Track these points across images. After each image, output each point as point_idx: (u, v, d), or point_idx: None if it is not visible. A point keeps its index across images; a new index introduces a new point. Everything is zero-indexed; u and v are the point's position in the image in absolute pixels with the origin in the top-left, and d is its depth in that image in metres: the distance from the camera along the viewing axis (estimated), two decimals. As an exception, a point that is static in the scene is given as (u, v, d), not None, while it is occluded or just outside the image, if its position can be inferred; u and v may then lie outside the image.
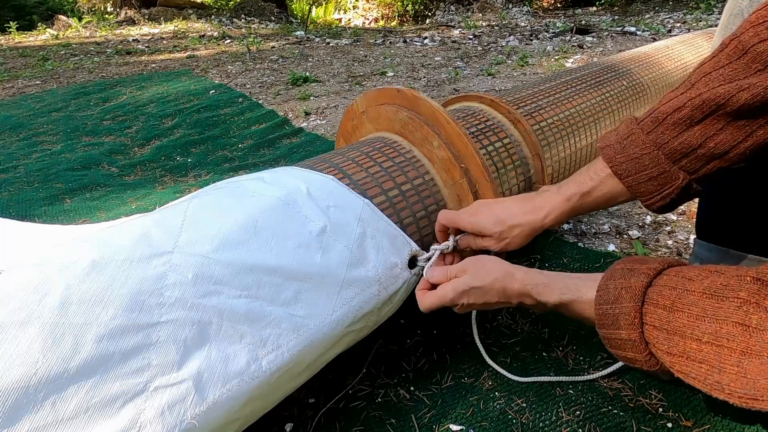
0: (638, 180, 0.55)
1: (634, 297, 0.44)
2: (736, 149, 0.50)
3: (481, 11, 6.90)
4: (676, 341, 0.40)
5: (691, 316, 0.40)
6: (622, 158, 0.56)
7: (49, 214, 1.37)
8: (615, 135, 0.58)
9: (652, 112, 0.55)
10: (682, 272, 0.44)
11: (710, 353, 0.38)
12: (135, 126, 2.20)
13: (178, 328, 0.48)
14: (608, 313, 0.47)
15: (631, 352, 0.45)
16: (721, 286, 0.39)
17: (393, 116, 0.85)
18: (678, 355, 0.40)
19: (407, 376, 0.77)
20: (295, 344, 0.55)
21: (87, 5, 8.92)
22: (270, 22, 6.85)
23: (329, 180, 0.70)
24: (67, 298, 0.45)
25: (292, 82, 2.84)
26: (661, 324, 0.42)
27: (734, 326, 0.37)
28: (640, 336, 0.44)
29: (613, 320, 0.46)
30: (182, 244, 0.53)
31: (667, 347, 0.41)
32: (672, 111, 0.52)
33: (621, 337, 0.45)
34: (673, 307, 0.41)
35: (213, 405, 0.47)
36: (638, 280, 0.45)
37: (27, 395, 0.40)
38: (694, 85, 0.51)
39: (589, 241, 1.14)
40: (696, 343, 0.39)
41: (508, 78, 2.79)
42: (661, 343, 0.42)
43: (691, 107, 0.50)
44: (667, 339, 0.41)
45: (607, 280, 0.49)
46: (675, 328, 0.41)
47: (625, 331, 0.45)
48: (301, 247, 0.59)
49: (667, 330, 0.41)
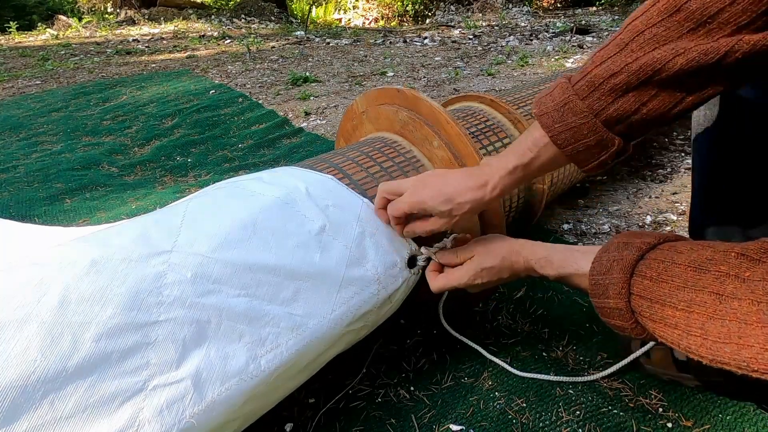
0: (577, 149, 0.56)
1: (624, 269, 0.47)
2: (667, 115, 0.51)
3: (481, 11, 6.90)
4: (656, 309, 0.43)
5: (673, 287, 0.42)
6: (561, 127, 0.55)
7: (49, 214, 1.37)
8: (551, 100, 0.56)
9: (587, 74, 0.53)
10: (674, 246, 0.46)
11: (681, 319, 0.41)
12: (135, 126, 2.20)
13: (177, 327, 0.48)
14: (600, 284, 0.49)
15: (618, 320, 0.48)
16: (706, 259, 0.41)
17: (393, 116, 0.85)
18: (657, 322, 0.43)
19: (407, 376, 0.77)
20: (294, 343, 0.55)
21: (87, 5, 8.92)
22: (270, 22, 6.85)
23: (328, 179, 0.70)
24: (65, 298, 0.45)
25: (292, 82, 2.84)
26: (646, 294, 0.44)
27: (708, 295, 0.39)
28: (626, 305, 0.46)
29: (603, 290, 0.49)
30: (181, 244, 0.53)
31: (649, 314, 0.44)
32: (608, 76, 0.51)
33: (610, 306, 0.48)
34: (658, 278, 0.44)
35: (211, 404, 0.47)
36: (630, 253, 0.48)
37: (25, 394, 0.40)
38: (628, 45, 0.50)
39: (589, 241, 1.14)
40: (672, 310, 0.42)
41: (508, 78, 2.79)
42: (644, 310, 0.45)
43: (627, 73, 0.50)
44: (650, 307, 0.44)
45: (602, 253, 0.51)
46: (657, 297, 0.43)
47: (613, 300, 0.47)
48: (300, 247, 0.59)
49: (650, 299, 0.44)
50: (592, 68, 0.53)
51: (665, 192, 1.36)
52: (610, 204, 1.31)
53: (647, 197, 1.33)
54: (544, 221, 1.23)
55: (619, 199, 1.33)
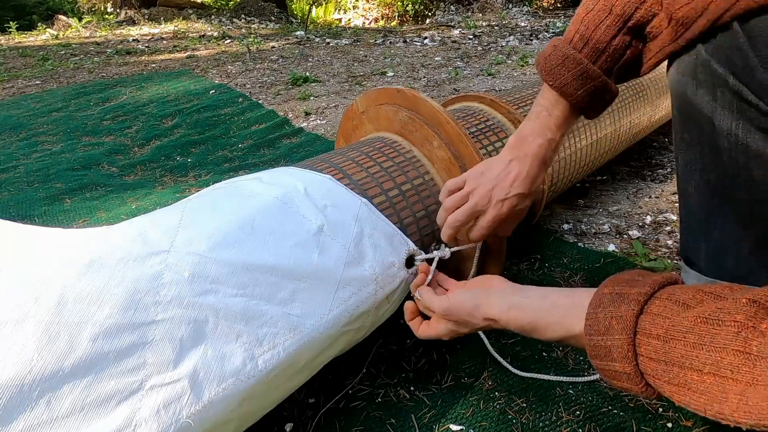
0: (589, 110, 0.65)
1: (626, 328, 0.43)
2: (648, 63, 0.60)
3: (481, 11, 6.90)
4: (676, 372, 0.39)
5: (688, 345, 0.38)
6: (567, 79, 0.63)
7: (49, 214, 1.37)
8: (569, 73, 0.63)
9: (588, 41, 0.61)
10: (675, 296, 0.42)
11: (713, 384, 0.36)
12: (135, 126, 2.20)
13: (174, 326, 0.48)
14: (600, 345, 0.45)
15: (626, 383, 0.44)
16: (717, 309, 0.38)
17: (393, 116, 0.85)
18: (678, 385, 0.39)
19: (407, 376, 0.77)
20: (291, 343, 0.55)
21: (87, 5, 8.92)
22: (270, 22, 6.85)
23: (327, 179, 0.70)
24: (62, 297, 0.45)
25: (292, 82, 2.84)
26: (658, 356, 0.40)
27: (735, 355, 0.36)
28: (635, 368, 0.42)
29: (606, 352, 0.44)
30: (179, 243, 0.53)
31: (666, 378, 0.40)
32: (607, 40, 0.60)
33: (615, 369, 0.44)
34: (667, 336, 0.40)
35: (208, 404, 0.47)
36: (628, 308, 0.43)
37: (21, 393, 0.40)
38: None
39: (589, 241, 1.14)
40: (697, 374, 0.38)
41: (508, 78, 2.79)
42: (659, 374, 0.40)
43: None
44: (666, 371, 0.40)
45: (595, 308, 0.46)
46: (672, 359, 0.39)
47: (619, 363, 0.43)
48: (298, 246, 0.59)
49: (664, 361, 0.40)
50: (589, 33, 0.60)
51: (665, 192, 1.36)
52: (610, 204, 1.31)
53: (647, 197, 1.33)
54: (544, 221, 1.23)
55: (619, 199, 1.33)
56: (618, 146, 1.27)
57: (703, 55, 0.57)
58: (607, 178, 1.46)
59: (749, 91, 0.54)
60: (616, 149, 1.28)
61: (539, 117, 0.66)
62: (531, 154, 0.66)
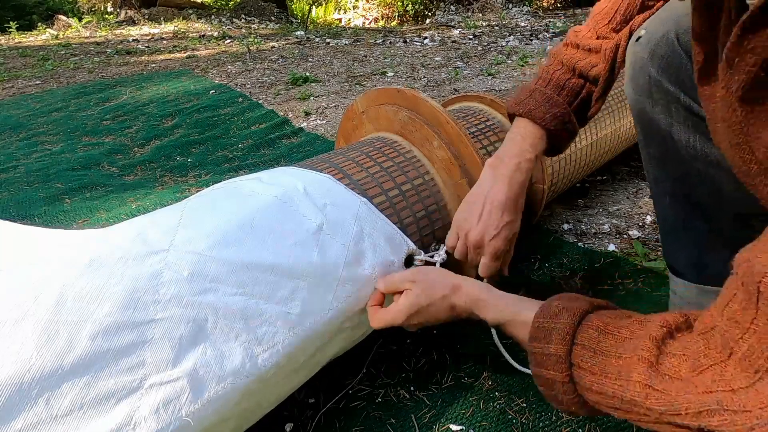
0: (556, 135, 0.70)
1: (573, 317, 0.46)
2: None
3: (481, 11, 6.91)
4: (600, 360, 0.43)
5: (618, 339, 0.43)
6: (548, 114, 0.70)
7: (49, 214, 1.37)
8: (536, 101, 0.70)
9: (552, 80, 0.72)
10: (618, 309, 0.47)
11: (623, 367, 0.41)
12: (135, 126, 2.20)
13: (173, 325, 0.48)
14: (544, 327, 0.48)
15: (553, 369, 0.46)
16: (646, 318, 0.43)
17: (393, 116, 0.85)
18: (599, 374, 0.43)
19: (407, 376, 0.77)
20: (290, 342, 0.55)
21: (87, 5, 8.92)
22: (270, 22, 6.85)
23: (326, 179, 0.70)
24: (62, 296, 0.45)
25: (292, 82, 2.84)
26: (591, 344, 0.44)
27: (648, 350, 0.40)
28: (566, 352, 0.45)
29: (546, 334, 0.48)
30: (178, 243, 0.53)
31: (589, 365, 0.44)
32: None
33: (549, 352, 0.47)
34: (606, 329, 0.44)
35: (208, 402, 0.47)
36: (581, 304, 0.48)
37: (21, 392, 0.40)
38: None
39: (589, 241, 1.14)
40: (616, 359, 0.42)
41: (508, 78, 2.79)
42: (585, 361, 0.44)
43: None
44: (592, 357, 0.44)
45: (551, 301, 0.50)
46: (603, 348, 0.43)
47: (554, 346, 0.46)
48: (298, 245, 0.59)
49: (594, 350, 0.44)
50: (550, 75, 0.72)
51: (665, 192, 1.35)
52: (610, 204, 1.31)
53: (647, 197, 1.33)
54: (544, 221, 1.23)
55: (619, 199, 1.33)
56: (618, 146, 1.27)
57: (654, 75, 0.63)
58: (607, 178, 1.46)
59: (699, 107, 0.60)
60: (616, 149, 1.28)
61: (514, 141, 0.70)
62: (509, 172, 0.68)
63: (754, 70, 0.35)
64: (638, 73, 0.65)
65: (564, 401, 0.46)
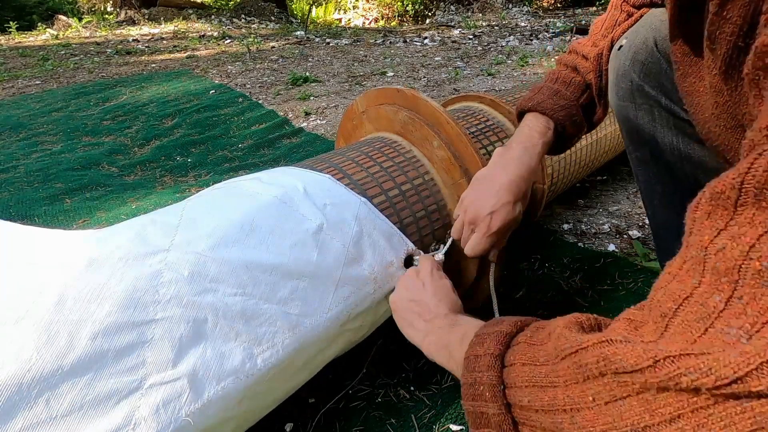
0: (565, 128, 0.72)
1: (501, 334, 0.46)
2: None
3: (481, 11, 6.91)
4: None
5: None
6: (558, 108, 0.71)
7: (49, 214, 1.37)
8: (545, 95, 0.72)
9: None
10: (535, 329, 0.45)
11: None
12: (135, 126, 2.20)
13: (174, 325, 0.48)
14: (479, 334, 0.49)
15: (486, 371, 0.45)
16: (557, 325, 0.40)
17: (393, 116, 0.85)
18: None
19: (407, 376, 0.77)
20: (290, 342, 0.55)
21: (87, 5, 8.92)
22: (270, 22, 6.86)
23: (326, 179, 0.70)
24: (62, 296, 0.45)
25: (292, 82, 2.84)
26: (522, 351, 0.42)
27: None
28: (501, 351, 0.44)
29: (480, 340, 0.48)
30: (178, 243, 0.53)
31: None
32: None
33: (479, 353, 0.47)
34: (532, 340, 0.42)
35: (208, 402, 0.47)
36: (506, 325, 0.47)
37: (20, 392, 0.40)
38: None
39: (589, 241, 1.14)
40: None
41: (508, 78, 2.79)
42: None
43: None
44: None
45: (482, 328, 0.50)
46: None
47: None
48: (298, 245, 0.59)
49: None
50: (557, 75, 0.75)
51: (665, 192, 1.35)
52: (610, 204, 1.31)
53: (647, 197, 1.33)
54: (544, 221, 1.23)
55: (619, 199, 1.33)
56: (618, 146, 1.27)
57: (636, 80, 0.65)
58: (607, 178, 1.46)
59: (680, 109, 0.62)
60: (616, 149, 1.28)
61: (521, 131, 0.72)
62: (515, 158, 0.69)
63: (732, 39, 0.37)
64: (621, 80, 0.67)
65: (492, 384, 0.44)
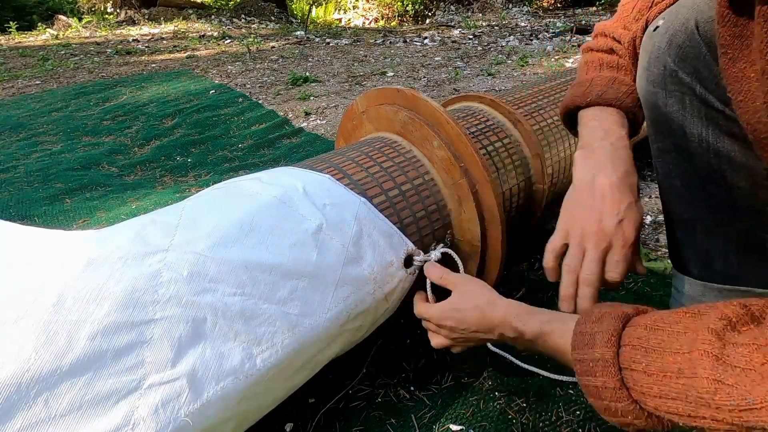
0: (634, 114, 0.66)
1: (616, 319, 0.44)
2: None
3: (481, 11, 6.91)
4: (654, 358, 0.40)
5: (672, 333, 0.40)
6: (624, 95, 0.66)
7: (49, 214, 1.37)
8: (602, 84, 0.66)
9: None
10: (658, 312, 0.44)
11: (684, 362, 0.38)
12: (135, 126, 2.20)
13: (173, 325, 0.48)
14: (586, 332, 0.46)
15: (601, 374, 0.43)
16: (699, 310, 0.40)
17: (393, 116, 0.85)
18: (654, 374, 0.40)
19: (407, 376, 0.77)
20: (289, 342, 0.55)
21: (87, 5, 8.92)
22: (270, 22, 6.86)
23: (325, 179, 0.70)
24: (61, 296, 0.45)
25: (292, 82, 2.84)
26: (640, 342, 0.42)
27: (709, 343, 0.37)
28: (613, 355, 0.43)
29: (589, 339, 0.45)
30: (178, 243, 0.53)
31: (643, 365, 0.41)
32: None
33: (595, 357, 0.44)
34: (654, 326, 0.42)
35: (207, 403, 0.47)
36: (623, 308, 0.46)
37: (19, 392, 0.40)
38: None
39: (589, 240, 1.13)
40: (672, 356, 0.39)
41: (508, 78, 2.79)
42: (637, 361, 0.41)
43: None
44: (645, 356, 0.41)
45: (593, 307, 0.50)
46: (653, 345, 0.41)
47: (599, 349, 0.44)
48: (297, 245, 0.59)
49: (645, 348, 0.41)
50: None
51: (665, 192, 1.35)
52: (610, 204, 1.30)
53: (647, 197, 1.33)
54: (544, 221, 1.22)
55: (620, 199, 1.33)
56: (618, 146, 1.27)
57: (670, 65, 0.60)
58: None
59: (715, 99, 0.57)
60: (616, 149, 1.27)
61: (594, 131, 0.63)
62: (609, 154, 0.62)
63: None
64: (653, 63, 0.61)
65: (618, 410, 0.42)
